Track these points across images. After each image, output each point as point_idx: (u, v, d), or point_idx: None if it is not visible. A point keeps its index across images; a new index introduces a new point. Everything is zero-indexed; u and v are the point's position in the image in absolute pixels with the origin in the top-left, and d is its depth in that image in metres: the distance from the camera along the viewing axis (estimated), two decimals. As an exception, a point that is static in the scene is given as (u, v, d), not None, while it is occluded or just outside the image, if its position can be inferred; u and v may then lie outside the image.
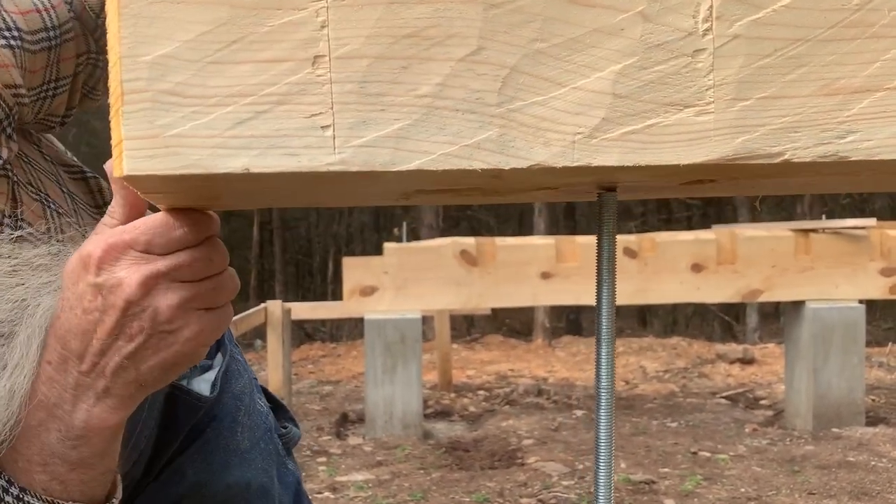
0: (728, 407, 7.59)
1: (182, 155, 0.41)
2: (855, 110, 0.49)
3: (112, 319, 0.58)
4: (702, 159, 0.45)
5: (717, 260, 6.40)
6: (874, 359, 9.15)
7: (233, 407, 0.94)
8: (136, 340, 0.59)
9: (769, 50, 0.47)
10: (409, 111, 0.42)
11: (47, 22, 0.75)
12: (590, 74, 0.44)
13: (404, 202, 0.55)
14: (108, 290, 0.57)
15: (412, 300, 6.10)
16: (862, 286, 6.49)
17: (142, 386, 0.62)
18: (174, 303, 0.57)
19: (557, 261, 6.17)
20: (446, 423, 7.03)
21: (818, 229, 6.51)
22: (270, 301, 6.29)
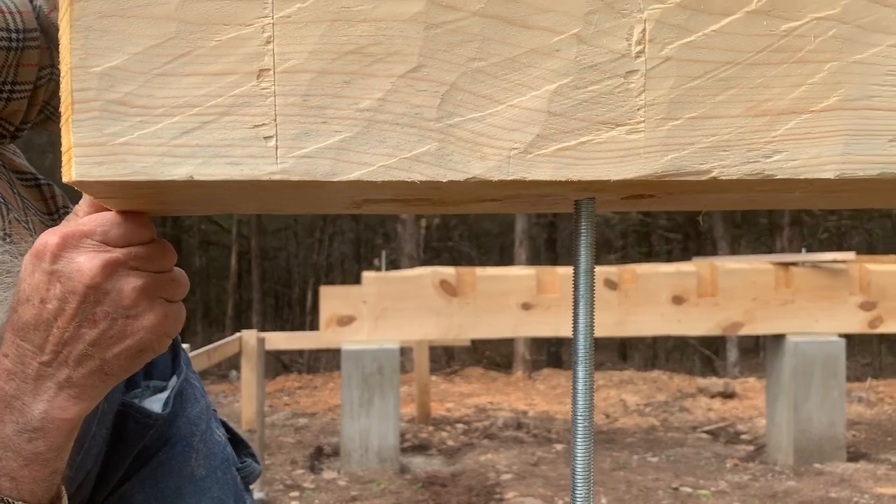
0: (709, 441, 7.58)
1: (129, 162, 0.43)
2: (781, 131, 0.51)
3: (73, 306, 0.58)
4: (632, 176, 0.48)
5: (697, 292, 6.44)
6: (854, 394, 9.20)
7: (187, 431, 0.93)
8: (100, 326, 0.59)
9: (700, 72, 0.49)
10: (351, 124, 0.44)
11: (10, 24, 0.77)
12: (526, 93, 0.46)
13: (355, 210, 0.57)
14: (66, 276, 0.57)
15: (391, 330, 6.07)
16: (842, 320, 6.55)
17: (107, 375, 0.62)
18: (137, 285, 0.58)
19: (538, 291, 6.18)
20: (424, 457, 6.97)
21: (798, 263, 6.58)
22: (245, 331, 6.24)
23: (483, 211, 0.64)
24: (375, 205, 0.56)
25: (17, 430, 0.62)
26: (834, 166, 0.52)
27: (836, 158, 0.52)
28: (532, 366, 12.23)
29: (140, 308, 0.59)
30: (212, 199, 0.51)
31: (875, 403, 9.25)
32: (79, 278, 0.57)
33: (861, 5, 0.53)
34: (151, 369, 0.92)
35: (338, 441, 6.71)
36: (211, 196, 0.49)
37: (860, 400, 9.23)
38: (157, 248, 0.59)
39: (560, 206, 0.64)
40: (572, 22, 0.47)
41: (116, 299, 0.58)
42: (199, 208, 0.57)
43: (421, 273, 6.21)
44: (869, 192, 0.60)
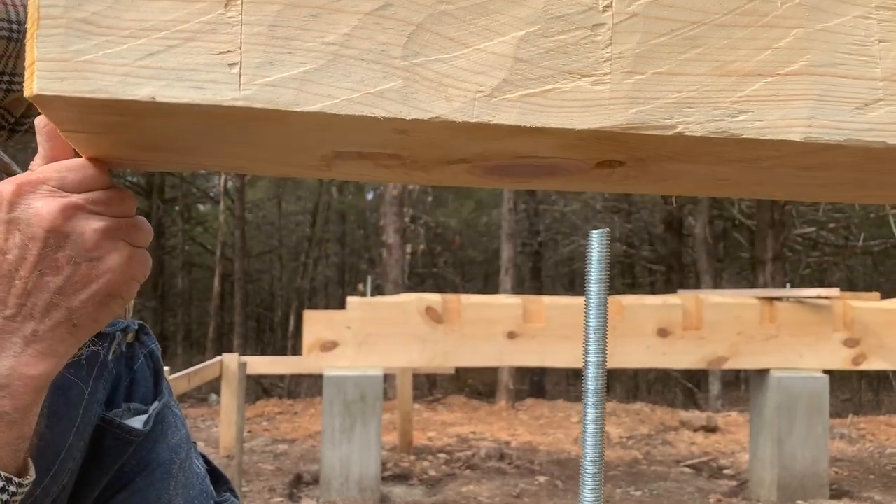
0: (692, 476, 7.55)
1: (91, 80, 0.43)
2: (747, 92, 0.52)
3: (34, 253, 0.57)
4: (596, 125, 0.48)
5: (683, 325, 6.44)
6: (836, 430, 9.20)
7: (167, 458, 0.92)
8: (64, 272, 0.58)
9: (666, 29, 0.50)
10: (316, 56, 0.44)
11: (11, 15, 0.77)
12: (493, 38, 0.46)
13: (326, 172, 0.57)
14: (25, 223, 0.57)
15: (374, 357, 6.02)
16: (826, 356, 6.56)
17: (75, 327, 0.61)
18: (98, 227, 0.58)
19: (524, 321, 6.16)
20: (405, 486, 6.89)
21: (782, 298, 6.60)
22: (227, 354, 6.18)
23: (456, 181, 0.64)
24: (345, 163, 0.56)
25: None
26: (800, 129, 0.52)
27: (802, 122, 0.53)
28: (515, 395, 12.17)
29: (103, 250, 0.58)
30: (177, 139, 0.51)
31: (857, 440, 9.25)
32: (38, 223, 0.56)
33: (827, -24, 0.54)
34: (133, 393, 0.91)
35: (318, 469, 6.62)
36: (176, 134, 0.49)
37: (842, 436, 9.23)
38: (115, 193, 0.59)
39: (537, 182, 0.64)
40: (541, -27, 0.48)
41: (78, 242, 0.57)
42: (167, 157, 0.57)
43: (406, 299, 6.19)
44: (838, 169, 0.61)
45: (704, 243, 14.36)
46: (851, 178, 0.62)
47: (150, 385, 0.93)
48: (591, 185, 0.64)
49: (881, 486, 7.18)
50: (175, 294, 21.25)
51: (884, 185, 0.65)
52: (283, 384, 15.85)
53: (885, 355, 6.66)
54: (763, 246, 12.84)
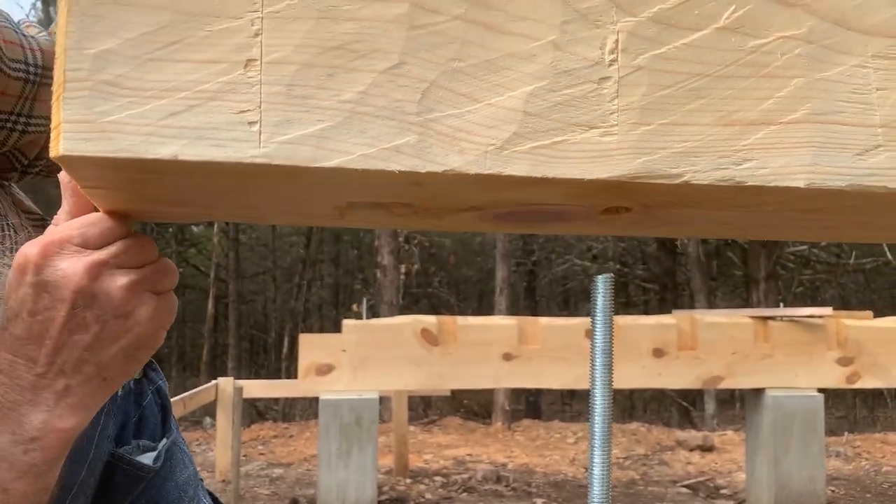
0: (689, 496, 7.52)
1: (116, 140, 0.44)
2: (751, 140, 0.53)
3: (63, 314, 0.58)
4: (604, 175, 0.49)
5: (678, 345, 6.45)
6: (831, 448, 9.20)
7: (175, 497, 0.92)
8: (92, 330, 0.59)
9: (670, 82, 0.52)
10: (333, 114, 0.46)
11: (28, 58, 0.79)
12: (503, 93, 0.48)
13: (339, 221, 0.58)
14: (52, 285, 0.58)
15: (370, 380, 6.01)
16: (821, 375, 6.57)
17: (105, 381, 0.62)
18: (124, 284, 0.59)
19: (519, 342, 6.15)
20: (402, 510, 6.86)
21: (776, 317, 6.62)
22: (222, 378, 6.16)
23: (466, 227, 0.65)
24: (358, 212, 0.57)
25: (13, 440, 0.62)
26: (803, 176, 0.54)
27: (805, 168, 0.54)
28: (511, 416, 12.13)
29: (130, 305, 0.59)
30: (196, 193, 0.52)
31: (853, 458, 9.24)
32: (65, 284, 0.57)
33: (825, 27, 0.55)
34: (141, 430, 0.92)
35: (314, 493, 6.57)
36: (195, 190, 0.50)
37: (838, 455, 9.22)
38: (135, 242, 0.60)
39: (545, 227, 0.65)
40: (548, 30, 0.49)
41: (105, 301, 0.58)
42: (182, 210, 0.58)
43: (402, 321, 6.18)
44: (840, 213, 0.62)
45: (698, 262, 14.41)
46: (853, 220, 0.64)
47: (158, 421, 0.94)
48: (597, 230, 0.65)
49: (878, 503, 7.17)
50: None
51: (885, 227, 0.67)
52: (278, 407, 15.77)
53: (879, 373, 6.67)
54: (756, 264, 12.89)
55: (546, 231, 0.64)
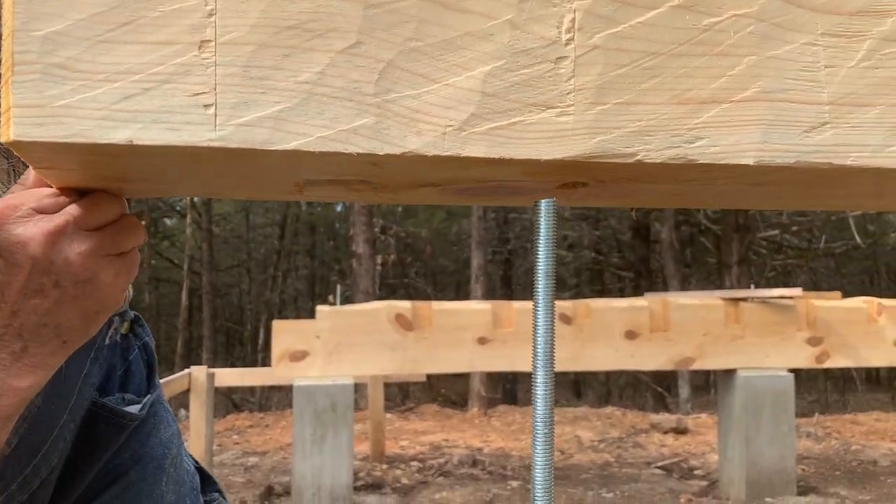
0: (663, 477, 7.61)
1: (68, 125, 0.43)
2: (703, 118, 0.54)
3: (20, 280, 0.57)
4: (560, 156, 0.50)
5: (650, 327, 6.50)
6: (802, 429, 9.35)
7: (159, 453, 0.92)
8: (50, 295, 0.58)
9: (626, 60, 0.52)
10: (290, 95, 0.46)
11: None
12: (461, 73, 0.48)
13: (297, 195, 0.58)
14: (7, 251, 0.57)
15: (345, 365, 5.99)
16: (791, 355, 6.66)
17: (64, 343, 0.61)
18: (83, 250, 0.58)
19: (494, 326, 6.18)
20: (377, 495, 6.86)
21: (747, 298, 6.70)
22: (195, 367, 6.12)
23: (425, 201, 0.66)
24: (317, 188, 0.57)
25: None
26: (753, 153, 0.55)
27: (755, 146, 0.55)
28: (488, 403, 12.18)
29: (90, 271, 0.59)
30: (152, 172, 0.52)
31: (823, 438, 9.40)
32: (21, 250, 0.57)
33: (777, 5, 0.56)
34: (127, 384, 0.91)
35: (289, 480, 6.56)
36: (151, 169, 0.50)
37: (808, 435, 9.38)
38: (94, 203, 0.59)
39: (503, 200, 0.66)
40: (506, 8, 0.50)
41: (63, 267, 0.58)
42: (141, 187, 0.58)
43: (376, 307, 6.17)
44: (788, 185, 0.63)
45: (671, 249, 14.53)
46: (800, 192, 0.65)
47: (144, 377, 0.93)
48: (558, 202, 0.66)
49: (847, 481, 7.31)
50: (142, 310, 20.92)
51: (830, 196, 0.68)
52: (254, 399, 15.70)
53: (848, 353, 6.79)
54: (729, 250, 13.02)
55: (504, 203, 0.65)
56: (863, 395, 17.59)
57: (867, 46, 0.59)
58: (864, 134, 0.58)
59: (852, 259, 18.84)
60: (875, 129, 0.59)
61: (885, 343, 6.75)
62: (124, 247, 0.61)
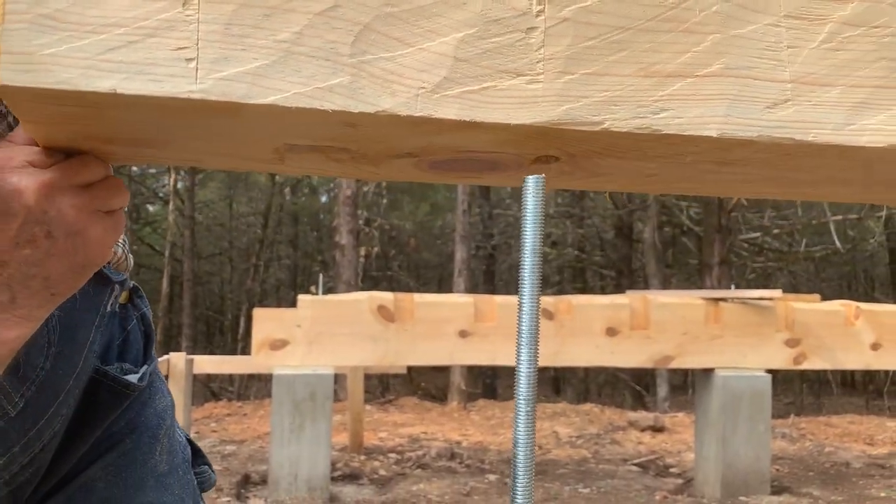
0: (639, 474, 7.67)
1: (55, 72, 0.45)
2: (668, 91, 0.56)
3: (13, 227, 0.59)
4: (529, 121, 0.52)
5: (630, 325, 6.53)
6: (777, 429, 9.45)
7: (154, 423, 0.93)
8: (41, 246, 0.60)
9: (594, 33, 0.54)
10: (268, 53, 0.48)
11: None
12: (434, 38, 0.50)
13: (279, 165, 0.60)
14: (3, 199, 0.58)
15: (325, 355, 5.98)
16: (769, 356, 6.72)
17: (52, 295, 0.63)
18: (76, 203, 0.60)
19: (476, 319, 6.19)
20: (354, 486, 6.87)
21: (727, 299, 6.75)
22: (174, 353, 6.10)
23: (404, 176, 0.67)
24: (297, 156, 0.59)
25: None
26: (716, 126, 0.57)
27: (719, 119, 0.57)
28: (467, 397, 12.22)
29: (81, 224, 0.60)
30: (135, 131, 0.53)
31: (797, 439, 9.51)
32: (16, 199, 0.58)
33: (741, -13, 0.59)
34: (125, 353, 0.92)
35: (266, 469, 6.56)
36: (134, 126, 0.52)
37: (783, 436, 9.48)
38: (83, 160, 0.60)
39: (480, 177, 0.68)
40: (479, -21, 0.52)
41: (57, 219, 0.59)
42: (124, 151, 0.60)
43: (358, 297, 6.17)
44: (755, 165, 0.66)
45: (654, 249, 14.62)
46: (766, 174, 0.68)
47: (141, 348, 0.94)
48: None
49: (820, 482, 7.40)
50: (122, 295, 20.76)
51: (797, 182, 0.71)
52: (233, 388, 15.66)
53: (825, 355, 6.86)
54: (710, 251, 13.12)
55: (481, 182, 0.67)
56: (837, 399, 17.79)
57: (828, 29, 0.62)
58: (826, 112, 0.61)
59: (831, 264, 19.03)
60: (836, 108, 0.61)
61: (862, 346, 6.82)
62: (112, 205, 0.63)
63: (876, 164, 0.65)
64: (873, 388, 18.72)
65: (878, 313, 6.88)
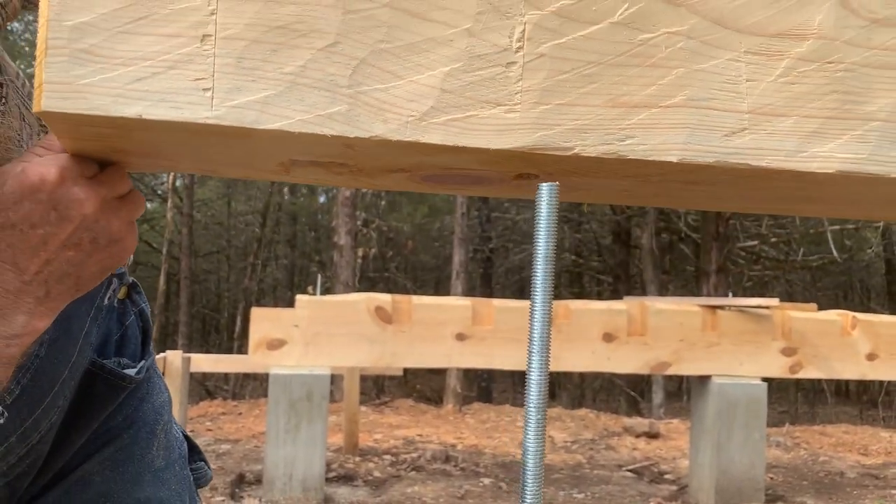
0: (633, 480, 7.71)
1: (89, 100, 0.52)
2: (634, 121, 0.62)
3: (66, 232, 0.65)
4: (507, 146, 0.59)
5: (627, 331, 6.56)
6: (772, 438, 9.49)
7: (152, 419, 0.96)
8: (85, 250, 0.67)
9: (568, 68, 0.61)
10: (276, 84, 0.54)
11: None
12: (423, 72, 0.57)
13: (284, 176, 0.67)
14: (64, 206, 0.65)
15: (322, 356, 5.99)
16: (764, 364, 6.73)
17: (78, 290, 0.70)
18: (123, 216, 0.68)
19: (473, 323, 6.21)
20: (349, 487, 6.91)
21: (725, 306, 6.78)
22: (170, 351, 6.13)
23: (398, 187, 0.74)
24: (301, 169, 0.65)
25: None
26: (677, 152, 0.63)
27: (679, 146, 0.63)
28: (463, 400, 12.27)
29: (122, 234, 0.68)
30: (157, 147, 0.60)
31: (792, 448, 9.54)
32: (77, 208, 0.65)
33: (705, 25, 0.65)
34: (123, 348, 0.96)
35: (261, 468, 6.59)
36: (156, 143, 0.59)
37: (778, 444, 9.52)
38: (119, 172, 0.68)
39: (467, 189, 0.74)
40: (464, 19, 0.58)
41: (105, 228, 0.66)
42: (146, 162, 0.67)
43: (356, 298, 6.20)
44: (716, 185, 0.72)
45: (651, 255, 14.69)
46: (730, 192, 0.74)
47: (139, 344, 0.98)
48: (512, 193, 0.74)
49: (814, 491, 7.44)
50: (120, 293, 20.77)
51: (760, 199, 0.77)
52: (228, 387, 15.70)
53: (820, 364, 6.88)
54: (707, 258, 13.18)
55: (468, 193, 0.73)
56: (832, 408, 17.85)
57: (785, 65, 0.68)
58: (780, 140, 0.67)
59: (828, 273, 19.11)
60: (790, 137, 0.67)
61: (858, 356, 6.85)
62: (138, 215, 0.71)
63: (827, 186, 0.71)
64: (867, 399, 18.78)
65: (875, 324, 6.92)
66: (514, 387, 18.91)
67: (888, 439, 10.20)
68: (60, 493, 0.88)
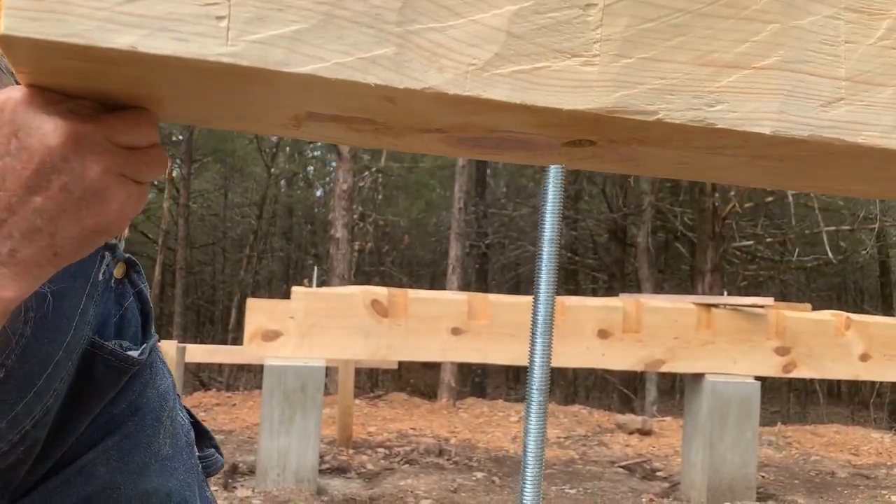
0: (626, 476, 7.67)
1: (67, 22, 0.40)
2: (724, 83, 0.53)
3: (29, 168, 0.53)
4: (583, 107, 0.48)
5: (622, 328, 6.53)
6: (764, 437, 9.46)
7: (157, 405, 0.88)
8: (54, 197, 0.53)
9: (653, 15, 0.51)
10: (308, 15, 0.43)
11: None
12: (487, 10, 0.46)
13: (293, 131, 0.55)
14: (25, 132, 0.52)
15: (317, 348, 5.94)
16: (758, 363, 6.73)
17: (56, 256, 0.56)
18: (106, 165, 0.53)
19: (469, 317, 6.17)
20: (342, 479, 6.85)
21: (719, 305, 6.75)
22: (165, 341, 6.05)
23: (424, 148, 0.63)
24: (316, 124, 0.54)
25: None
26: (770, 122, 0.54)
27: (773, 115, 0.54)
28: (457, 394, 12.20)
29: (102, 185, 0.54)
30: (144, 91, 0.49)
31: (784, 447, 9.53)
32: (40, 138, 0.52)
33: (804, -25, 0.55)
34: (122, 331, 0.86)
35: (254, 459, 6.52)
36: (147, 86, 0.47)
37: (770, 443, 9.50)
38: (134, 118, 0.54)
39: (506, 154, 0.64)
40: (536, -51, 0.48)
41: (79, 173, 0.53)
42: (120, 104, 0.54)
43: (352, 291, 6.13)
44: (791, 161, 0.62)
45: (647, 253, 14.63)
46: (797, 168, 0.64)
47: (139, 326, 0.88)
48: (556, 161, 0.64)
49: (805, 490, 7.41)
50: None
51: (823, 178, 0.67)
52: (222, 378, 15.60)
53: (813, 364, 6.87)
54: (703, 257, 13.14)
55: (506, 159, 0.63)
56: (824, 408, 17.86)
57: (886, 25, 0.58)
58: (877, 113, 0.58)
59: (823, 274, 19.09)
60: (888, 110, 0.58)
61: (851, 357, 6.84)
62: (144, 177, 0.57)
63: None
64: (859, 401, 18.82)
65: (869, 324, 6.91)
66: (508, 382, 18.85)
67: (879, 440, 10.20)
68: (61, 483, 0.80)
